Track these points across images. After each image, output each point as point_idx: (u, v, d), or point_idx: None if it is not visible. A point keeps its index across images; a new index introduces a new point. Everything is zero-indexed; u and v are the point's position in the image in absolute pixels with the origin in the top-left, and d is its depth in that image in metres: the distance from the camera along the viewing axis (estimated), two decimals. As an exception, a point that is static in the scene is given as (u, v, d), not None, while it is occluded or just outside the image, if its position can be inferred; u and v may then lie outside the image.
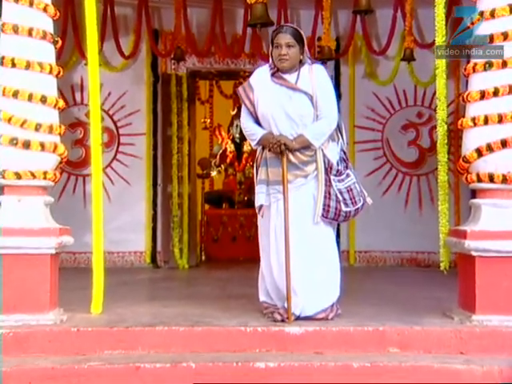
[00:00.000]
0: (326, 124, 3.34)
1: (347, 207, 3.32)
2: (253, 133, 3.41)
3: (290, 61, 3.32)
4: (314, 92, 3.30)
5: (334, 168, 3.33)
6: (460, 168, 3.51)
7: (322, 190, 3.29)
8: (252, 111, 3.38)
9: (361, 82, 6.98)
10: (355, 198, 3.35)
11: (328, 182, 3.30)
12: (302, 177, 3.32)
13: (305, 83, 3.34)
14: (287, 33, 3.33)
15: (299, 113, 3.31)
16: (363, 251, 6.92)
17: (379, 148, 7.04)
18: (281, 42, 3.32)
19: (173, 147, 6.74)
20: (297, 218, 3.31)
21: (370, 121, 7.00)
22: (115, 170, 6.89)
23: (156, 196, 6.86)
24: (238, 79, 7.94)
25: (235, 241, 8.05)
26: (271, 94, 3.35)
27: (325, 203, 3.28)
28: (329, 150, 3.38)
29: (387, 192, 6.96)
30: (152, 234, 6.82)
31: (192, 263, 6.84)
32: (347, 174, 3.38)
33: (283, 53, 3.31)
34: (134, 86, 6.89)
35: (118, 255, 6.82)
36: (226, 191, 8.84)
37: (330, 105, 3.34)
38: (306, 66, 3.38)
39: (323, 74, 3.39)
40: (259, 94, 3.38)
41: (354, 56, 7.00)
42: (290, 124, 3.32)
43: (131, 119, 6.91)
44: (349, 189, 3.34)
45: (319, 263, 3.33)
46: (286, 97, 3.32)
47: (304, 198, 3.33)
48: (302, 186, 3.32)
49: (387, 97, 7.01)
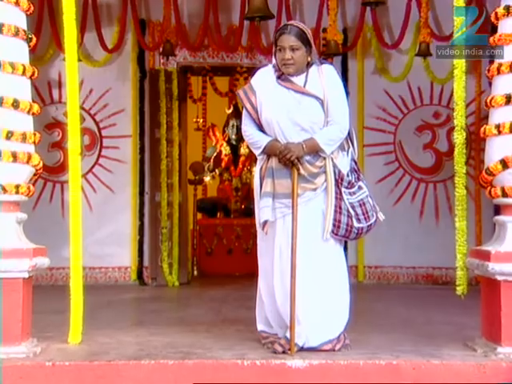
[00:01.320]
0: (337, 130, 3.31)
1: (359, 223, 3.28)
2: (256, 140, 3.36)
3: (295, 65, 3.30)
4: (325, 96, 3.27)
5: (345, 179, 3.30)
6: (483, 181, 3.46)
7: (331, 204, 3.26)
8: (254, 117, 3.33)
9: (370, 79, 6.99)
10: (368, 212, 3.31)
11: (339, 194, 3.28)
12: (310, 190, 3.29)
13: (314, 86, 3.31)
14: (291, 34, 3.29)
15: (309, 119, 3.28)
16: (373, 266, 6.93)
17: (391, 152, 7.04)
18: (284, 44, 3.29)
19: (162, 151, 6.73)
20: (304, 235, 3.26)
21: (381, 121, 7.01)
22: (97, 176, 6.89)
23: (143, 205, 6.87)
24: (235, 75, 8.04)
25: (231, 254, 8.04)
26: (277, 99, 3.31)
27: (335, 218, 3.25)
28: (339, 159, 3.35)
29: (400, 201, 6.97)
30: (138, 248, 6.83)
31: (183, 280, 6.82)
32: (359, 186, 3.34)
33: (287, 57, 3.29)
34: (119, 83, 6.89)
35: (101, 271, 6.82)
36: (220, 198, 8.83)
37: (342, 110, 3.31)
38: (314, 67, 3.35)
39: (334, 76, 3.35)
40: (263, 97, 3.34)
41: (363, 49, 7.02)
42: (297, 132, 3.29)
43: (115, 119, 6.91)
44: (361, 203, 3.31)
45: (327, 287, 3.29)
46: (294, 102, 3.29)
47: (312, 213, 3.29)
48: (310, 201, 3.29)
49: (400, 95, 7.01)
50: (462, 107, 3.62)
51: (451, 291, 4.07)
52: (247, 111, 3.35)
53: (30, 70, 3.43)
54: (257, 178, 3.40)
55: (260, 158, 3.40)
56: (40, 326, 3.73)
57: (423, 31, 6.29)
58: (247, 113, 3.35)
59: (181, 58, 6.86)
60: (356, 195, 3.31)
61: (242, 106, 3.39)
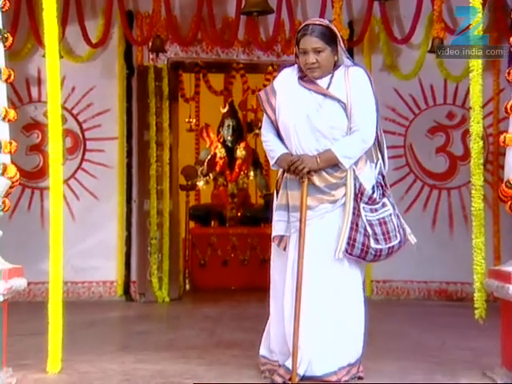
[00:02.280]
0: (358, 139, 3.23)
1: (378, 244, 3.20)
2: (272, 149, 3.35)
3: (321, 69, 3.27)
4: (349, 99, 3.21)
5: (366, 194, 3.23)
6: (502, 194, 3.41)
7: (347, 220, 3.20)
8: (273, 119, 3.30)
9: (378, 76, 6.87)
10: (390, 233, 3.21)
11: (356, 210, 3.21)
12: (328, 202, 3.23)
13: (338, 88, 3.26)
14: (313, 35, 3.24)
15: (329, 124, 3.23)
16: (381, 281, 6.89)
17: (401, 155, 7.02)
18: (307, 47, 3.25)
19: (151, 154, 6.73)
20: (316, 253, 3.22)
21: (390, 123, 6.93)
22: (80, 182, 6.88)
23: (130, 214, 6.87)
24: (230, 72, 8.00)
25: (226, 266, 8.02)
26: (297, 101, 3.28)
27: (350, 236, 3.18)
28: (364, 172, 3.28)
29: (411, 209, 6.88)
30: (125, 260, 6.82)
31: (173, 295, 6.82)
32: (383, 203, 3.26)
33: (311, 61, 3.25)
34: (104, 80, 6.87)
35: (84, 286, 6.80)
36: (215, 205, 8.78)
37: (367, 115, 3.24)
38: (341, 69, 3.31)
39: (362, 79, 3.28)
40: (282, 98, 3.30)
41: (370, 44, 6.97)
42: (316, 138, 3.25)
43: (100, 120, 6.90)
44: (382, 221, 3.22)
45: (336, 311, 3.23)
46: (315, 104, 3.26)
47: (328, 229, 3.23)
48: (326, 214, 3.23)
49: (411, 94, 6.97)
50: (479, 113, 3.57)
51: (467, 309, 4.13)
52: (267, 114, 3.32)
53: (6, 72, 3.37)
54: (275, 191, 3.41)
55: (274, 168, 3.40)
56: (16, 351, 3.68)
57: (436, 26, 6.25)
58: (267, 116, 3.33)
59: (172, 54, 6.86)
60: (378, 212, 3.23)
61: (262, 108, 3.35)
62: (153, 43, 6.55)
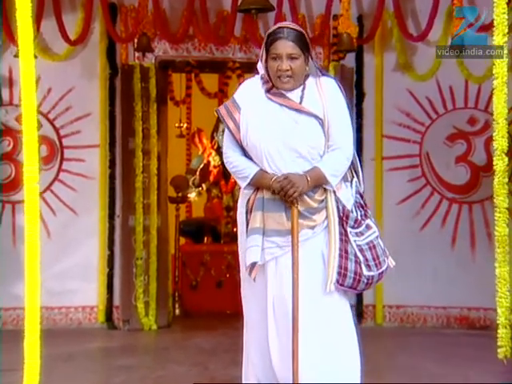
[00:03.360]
0: (343, 157, 3.25)
1: (370, 271, 3.21)
2: (242, 169, 3.26)
3: (294, 78, 3.21)
4: (326, 114, 3.20)
5: (352, 217, 3.23)
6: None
7: (335, 248, 3.19)
8: (238, 138, 3.23)
9: (391, 77, 6.94)
10: (379, 257, 3.24)
11: (344, 235, 3.20)
12: (308, 228, 3.20)
13: (312, 102, 3.23)
14: (289, 39, 3.16)
15: (308, 143, 3.20)
16: (395, 306, 6.86)
17: (416, 165, 6.98)
18: (281, 52, 3.17)
19: (136, 164, 6.73)
20: (301, 283, 3.18)
21: (404, 129, 6.95)
22: (57, 195, 6.84)
23: (113, 231, 6.84)
24: (225, 72, 8.07)
25: (221, 287, 7.97)
26: (267, 117, 3.21)
27: (340, 265, 3.17)
28: (342, 192, 3.28)
29: (427, 225, 6.88)
30: (107, 283, 6.79)
31: (162, 322, 6.77)
32: (367, 224, 3.27)
33: (285, 67, 3.18)
34: (84, 81, 6.86)
35: (60, 312, 6.77)
36: (208, 220, 8.74)
37: (346, 132, 3.27)
38: (311, 79, 3.28)
39: (336, 91, 3.27)
40: (249, 115, 3.23)
41: (381, 42, 6.95)
42: (293, 159, 3.20)
43: (79, 126, 6.88)
44: (371, 245, 3.23)
45: (329, 350, 3.20)
46: (290, 121, 3.20)
47: (310, 256, 3.22)
48: (307, 241, 3.21)
49: (427, 96, 6.93)
50: (504, 126, 3.45)
51: (491, 339, 4.08)
52: (230, 131, 3.25)
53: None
54: (242, 213, 3.30)
55: (246, 192, 3.28)
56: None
57: (457, 21, 6.09)
58: (230, 133, 3.25)
59: (160, 52, 6.84)
60: (364, 236, 3.24)
61: (224, 125, 3.28)
62: (139, 42, 6.52)
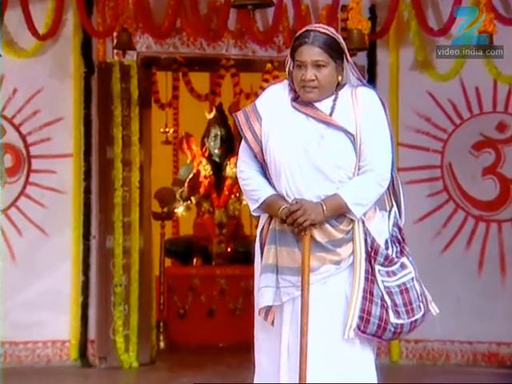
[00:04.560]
0: (374, 182, 3.18)
1: (399, 318, 3.14)
2: (254, 189, 3.26)
3: (319, 89, 3.18)
4: (359, 130, 3.16)
5: (382, 253, 3.17)
6: None
7: (359, 288, 3.15)
8: (257, 152, 3.23)
9: (408, 76, 6.88)
10: (412, 303, 3.16)
11: (370, 274, 3.16)
12: (332, 263, 3.17)
13: (344, 115, 3.19)
14: (315, 44, 3.16)
15: (334, 162, 3.16)
16: (413, 341, 6.76)
17: (437, 178, 6.93)
18: (305, 59, 3.16)
19: (115, 176, 6.68)
20: (319, 329, 3.15)
21: (423, 136, 6.89)
22: (23, 212, 6.76)
23: (88, 253, 6.78)
24: (218, 71, 7.85)
25: (212, 316, 7.92)
26: (291, 130, 3.21)
27: (363, 308, 3.13)
28: (374, 223, 3.22)
29: (450, 247, 6.83)
30: (81, 314, 6.72)
31: (144, 359, 6.69)
32: (402, 263, 3.20)
33: (309, 77, 3.16)
34: (55, 81, 6.79)
35: (26, 347, 6.67)
36: (198, 238, 8.64)
37: (383, 152, 3.20)
38: (346, 90, 3.25)
39: (375, 104, 3.22)
40: (270, 126, 3.23)
41: (397, 36, 6.88)
42: (316, 180, 3.18)
43: (49, 132, 6.80)
44: (403, 288, 3.17)
45: None
46: (316, 135, 3.18)
47: (332, 297, 3.19)
48: (330, 278, 3.18)
49: (450, 99, 6.88)
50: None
51: None
52: (247, 143, 3.25)
53: None
54: (257, 244, 3.31)
55: (257, 214, 3.29)
56: None
57: (485, 17, 6.03)
58: (247, 146, 3.25)
59: (142, 47, 6.82)
60: (396, 277, 3.18)
61: (241, 134, 3.27)
62: (118, 38, 6.47)
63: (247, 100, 8.47)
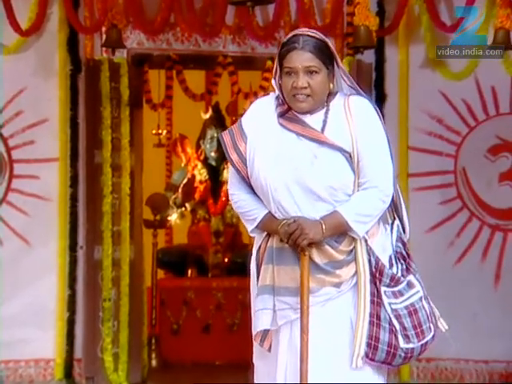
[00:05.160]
0: (376, 198, 3.19)
1: (409, 342, 3.15)
2: (248, 210, 3.28)
3: (313, 98, 3.18)
4: (355, 146, 3.16)
5: (387, 273, 3.17)
6: None
7: (364, 312, 3.15)
8: (245, 173, 3.25)
9: (419, 75, 6.87)
10: (422, 325, 3.17)
11: (376, 296, 3.17)
12: (331, 285, 3.18)
13: (338, 131, 3.19)
14: (306, 49, 3.15)
15: (328, 183, 3.16)
16: (424, 359, 6.73)
17: (450, 184, 6.93)
18: (296, 65, 3.16)
19: (104, 182, 6.68)
20: (322, 355, 3.15)
21: (435, 139, 6.89)
22: (5, 221, 6.78)
23: (75, 265, 6.78)
24: (215, 69, 7.84)
25: (208, 332, 7.92)
26: (279, 151, 3.21)
27: (370, 334, 3.13)
28: (377, 240, 3.22)
29: (464, 259, 6.84)
30: (67, 331, 6.73)
31: (135, 379, 6.72)
32: (409, 282, 3.20)
33: (301, 84, 3.15)
34: (39, 80, 6.78)
35: (8, 366, 6.69)
36: (193, 248, 8.67)
37: (384, 166, 3.21)
38: (338, 100, 3.25)
39: (367, 113, 3.22)
40: (256, 146, 3.23)
41: (407, 32, 6.87)
42: (308, 202, 3.18)
43: (33, 135, 6.81)
44: (412, 309, 3.17)
45: None
46: (307, 156, 3.17)
47: (335, 321, 3.19)
48: (330, 302, 3.19)
49: (464, 99, 6.88)
50: None
51: None
52: (234, 166, 3.27)
53: None
54: (253, 264, 3.32)
55: (256, 235, 3.31)
56: None
57: (501, 13, 6.03)
58: (234, 168, 3.28)
59: (133, 44, 6.83)
60: (404, 297, 3.18)
61: (226, 156, 3.29)
62: (107, 35, 6.47)
63: (246, 100, 8.54)
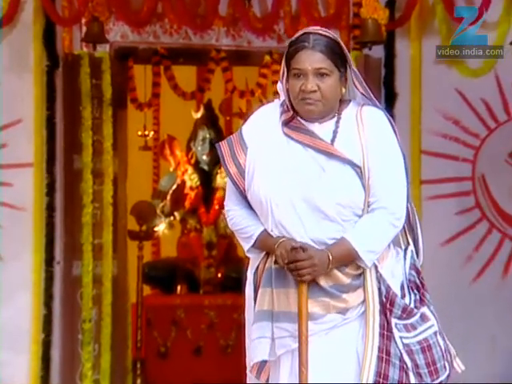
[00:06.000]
0: (386, 222, 3.19)
1: (421, 381, 3.17)
2: (244, 226, 3.30)
3: (323, 103, 3.18)
4: (366, 160, 3.18)
5: (399, 304, 3.18)
6: None
7: (373, 346, 3.16)
8: (242, 188, 3.25)
9: (433, 71, 6.90)
10: (436, 363, 3.18)
11: (386, 329, 3.18)
12: (337, 311, 3.19)
13: (349, 143, 3.21)
14: (316, 49, 3.16)
15: (338, 200, 3.16)
16: None
17: (468, 192, 7.00)
18: (305, 66, 3.17)
19: (84, 190, 6.69)
20: None
21: (451, 142, 6.94)
22: None
23: (51, 282, 6.77)
24: (207, 64, 7.82)
25: (199, 355, 7.92)
26: (283, 162, 3.22)
27: (378, 371, 3.14)
28: (387, 264, 3.24)
29: (483, 275, 6.90)
30: (42, 354, 6.73)
31: None
32: (423, 314, 3.23)
33: (310, 88, 3.15)
34: (12, 76, 6.79)
35: None
36: (183, 261, 8.66)
37: (397, 185, 3.22)
38: (350, 109, 3.26)
39: (382, 127, 3.24)
40: (258, 158, 3.25)
41: (420, 23, 6.91)
42: (314, 221, 3.18)
43: (6, 137, 6.80)
44: (425, 345, 3.19)
45: None
46: (315, 168, 3.19)
47: (339, 353, 3.21)
48: (335, 330, 3.21)
49: (483, 98, 6.93)
50: None
51: None
52: (232, 179, 3.28)
53: None
54: (250, 284, 3.34)
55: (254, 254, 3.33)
56: None
57: None
58: (231, 181, 3.29)
59: (117, 36, 6.86)
60: (416, 331, 3.21)
61: (224, 168, 3.31)
62: (87, 28, 6.50)
63: (241, 99, 8.56)
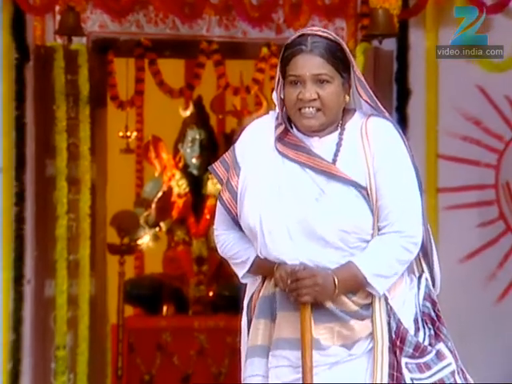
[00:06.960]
0: (399, 246, 3.16)
1: None
2: (238, 250, 3.30)
3: (323, 112, 3.15)
4: (372, 180, 3.16)
5: (410, 341, 3.16)
6: None
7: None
8: (234, 213, 3.25)
9: (451, 66, 6.87)
10: None
11: (394, 369, 3.15)
12: (341, 341, 3.17)
13: (352, 160, 3.18)
14: (315, 53, 3.13)
15: (340, 226, 3.14)
16: None
17: (491, 202, 7.06)
18: (303, 72, 3.14)
19: (58, 199, 6.74)
20: None
21: (472, 145, 7.00)
22: None
23: (20, 303, 6.84)
24: (197, 57, 7.85)
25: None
26: (276, 183, 3.20)
27: None
28: (399, 294, 3.22)
29: (508, 295, 6.96)
30: (11, 383, 6.81)
31: None
32: (438, 352, 3.19)
33: (309, 96, 3.12)
34: None
35: None
36: (169, 278, 8.78)
37: (409, 206, 3.18)
38: (356, 120, 3.22)
39: (390, 139, 3.20)
40: (249, 180, 3.24)
41: (437, 12, 6.97)
42: (313, 249, 3.16)
43: None
44: None
45: None
46: (313, 191, 3.16)
47: None
48: (339, 366, 3.18)
49: (507, 95, 7.01)
50: None
51: None
52: (223, 202, 3.26)
53: None
54: (244, 319, 3.36)
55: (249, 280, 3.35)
56: None
57: None
58: (223, 205, 3.27)
59: (95, 26, 6.94)
60: (431, 371, 3.19)
61: (218, 196, 3.33)
62: (62, 18, 6.54)
63: (235, 96, 8.57)
